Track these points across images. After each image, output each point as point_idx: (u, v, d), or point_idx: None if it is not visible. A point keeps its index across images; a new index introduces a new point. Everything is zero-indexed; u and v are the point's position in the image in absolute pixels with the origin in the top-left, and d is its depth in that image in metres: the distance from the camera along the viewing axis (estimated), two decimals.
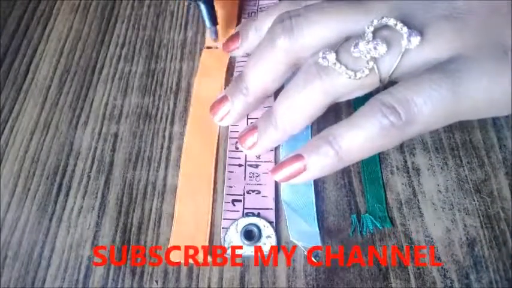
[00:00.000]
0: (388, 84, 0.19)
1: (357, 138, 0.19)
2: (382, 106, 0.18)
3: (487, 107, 0.18)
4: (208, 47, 0.29)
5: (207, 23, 0.27)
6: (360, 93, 0.21)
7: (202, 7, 0.27)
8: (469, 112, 0.19)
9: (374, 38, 0.19)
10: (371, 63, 0.19)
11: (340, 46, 0.20)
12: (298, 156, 0.20)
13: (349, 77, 0.19)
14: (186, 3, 0.32)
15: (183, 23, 0.31)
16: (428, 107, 0.18)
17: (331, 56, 0.19)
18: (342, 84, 0.19)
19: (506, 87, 0.18)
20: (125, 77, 0.29)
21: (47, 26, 0.32)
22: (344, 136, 0.19)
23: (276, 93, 0.23)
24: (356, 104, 0.26)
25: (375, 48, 0.18)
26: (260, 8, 0.31)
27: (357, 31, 0.20)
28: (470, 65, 0.18)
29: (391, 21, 0.19)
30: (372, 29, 0.19)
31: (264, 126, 0.22)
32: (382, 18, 0.19)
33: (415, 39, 0.18)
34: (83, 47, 0.30)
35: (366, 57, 0.19)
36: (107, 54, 0.30)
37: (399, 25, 0.18)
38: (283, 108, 0.21)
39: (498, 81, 0.18)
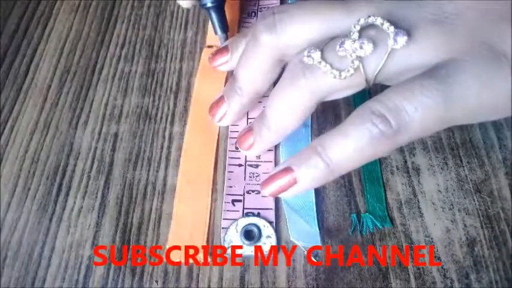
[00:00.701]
0: (375, 86, 0.19)
1: (347, 149, 0.18)
2: (372, 115, 0.17)
3: (479, 112, 0.18)
4: (209, 46, 0.29)
5: (218, 30, 0.27)
6: (347, 93, 0.20)
7: (213, 15, 0.27)
8: (461, 118, 0.18)
9: (360, 37, 0.18)
10: (356, 63, 0.18)
11: (325, 45, 0.19)
12: (287, 169, 0.20)
13: (334, 77, 0.19)
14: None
15: (183, 23, 0.31)
16: (420, 114, 0.17)
17: (316, 55, 0.19)
18: (327, 83, 0.19)
19: (497, 92, 0.17)
20: (124, 77, 0.29)
21: (47, 26, 0.32)
22: (333, 147, 0.18)
23: None
24: (356, 102, 0.26)
25: (360, 47, 0.18)
26: (260, 8, 0.31)
27: (342, 31, 0.19)
28: (461, 70, 0.17)
29: (378, 21, 0.18)
30: (358, 27, 0.18)
31: (259, 128, 0.22)
32: (369, 17, 0.18)
33: (402, 39, 0.18)
34: (83, 47, 0.30)
35: (351, 56, 0.18)
36: (107, 54, 0.30)
37: (386, 24, 0.18)
38: (273, 109, 0.21)
39: (489, 86, 0.17)
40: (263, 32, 0.21)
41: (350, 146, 0.18)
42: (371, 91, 0.20)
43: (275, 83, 0.22)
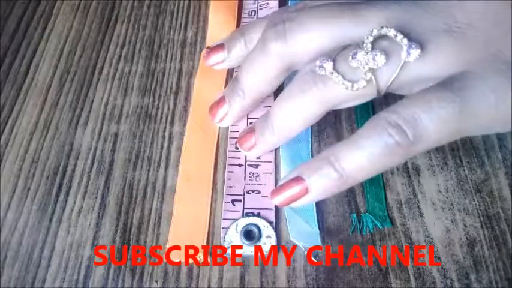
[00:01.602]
0: (386, 95, 0.19)
1: (361, 160, 0.18)
2: (388, 125, 0.17)
3: (493, 124, 0.18)
4: (209, 47, 0.29)
5: None
6: (357, 103, 0.20)
7: None
8: (476, 129, 0.18)
9: (373, 48, 0.18)
10: (369, 75, 0.18)
11: (337, 55, 0.19)
12: (298, 179, 0.19)
13: (346, 88, 0.19)
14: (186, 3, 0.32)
15: (183, 23, 0.31)
16: (436, 126, 0.17)
17: (329, 65, 0.19)
18: (339, 94, 0.19)
19: (510, 104, 0.17)
20: (125, 77, 0.29)
21: (47, 26, 0.32)
22: (347, 157, 0.18)
23: (277, 92, 0.23)
24: (358, 106, 0.26)
25: (373, 59, 0.18)
26: (260, 6, 0.31)
27: (354, 38, 0.19)
28: (476, 82, 0.17)
29: (391, 32, 0.18)
30: (371, 39, 0.18)
31: (261, 130, 0.22)
32: (382, 28, 0.18)
33: (415, 52, 0.18)
34: (83, 47, 0.30)
35: (364, 68, 0.18)
36: (107, 54, 0.30)
37: (399, 36, 0.18)
38: (279, 113, 0.21)
39: (503, 98, 0.17)
40: (272, 40, 0.20)
41: (364, 157, 0.18)
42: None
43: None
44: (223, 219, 0.23)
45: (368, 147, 0.18)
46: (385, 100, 0.21)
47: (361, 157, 0.18)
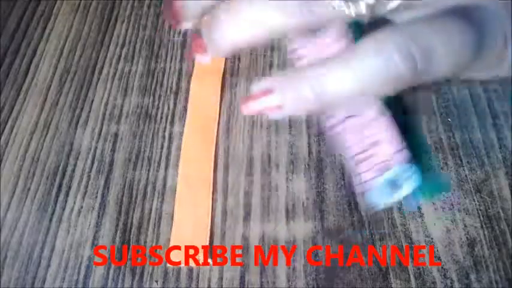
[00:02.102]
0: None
1: (349, 84, 0.15)
2: (397, 53, 0.15)
3: (495, 62, 0.17)
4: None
5: None
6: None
7: None
8: (480, 66, 0.17)
9: None
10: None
11: None
12: (268, 92, 0.16)
13: (349, 12, 0.16)
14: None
15: None
16: (451, 59, 0.15)
17: None
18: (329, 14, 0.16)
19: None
20: (125, 77, 0.29)
21: (47, 26, 0.32)
22: (332, 80, 0.15)
23: None
24: None
25: None
26: None
27: None
28: (487, 16, 0.16)
29: None
30: None
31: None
32: None
33: None
34: (83, 47, 0.30)
35: None
36: (107, 54, 0.30)
37: None
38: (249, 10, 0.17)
39: (508, 37, 0.16)
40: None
41: (354, 82, 0.15)
42: None
43: None
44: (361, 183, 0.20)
45: (364, 70, 0.15)
46: None
47: (350, 83, 0.15)
